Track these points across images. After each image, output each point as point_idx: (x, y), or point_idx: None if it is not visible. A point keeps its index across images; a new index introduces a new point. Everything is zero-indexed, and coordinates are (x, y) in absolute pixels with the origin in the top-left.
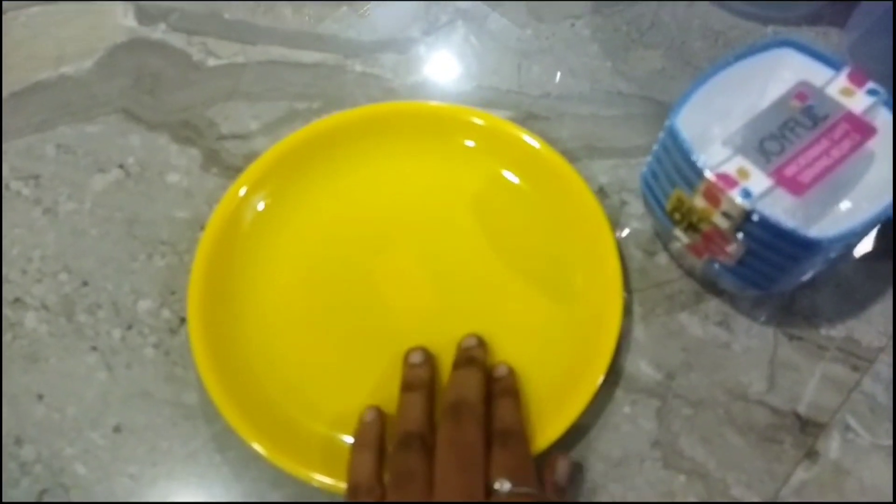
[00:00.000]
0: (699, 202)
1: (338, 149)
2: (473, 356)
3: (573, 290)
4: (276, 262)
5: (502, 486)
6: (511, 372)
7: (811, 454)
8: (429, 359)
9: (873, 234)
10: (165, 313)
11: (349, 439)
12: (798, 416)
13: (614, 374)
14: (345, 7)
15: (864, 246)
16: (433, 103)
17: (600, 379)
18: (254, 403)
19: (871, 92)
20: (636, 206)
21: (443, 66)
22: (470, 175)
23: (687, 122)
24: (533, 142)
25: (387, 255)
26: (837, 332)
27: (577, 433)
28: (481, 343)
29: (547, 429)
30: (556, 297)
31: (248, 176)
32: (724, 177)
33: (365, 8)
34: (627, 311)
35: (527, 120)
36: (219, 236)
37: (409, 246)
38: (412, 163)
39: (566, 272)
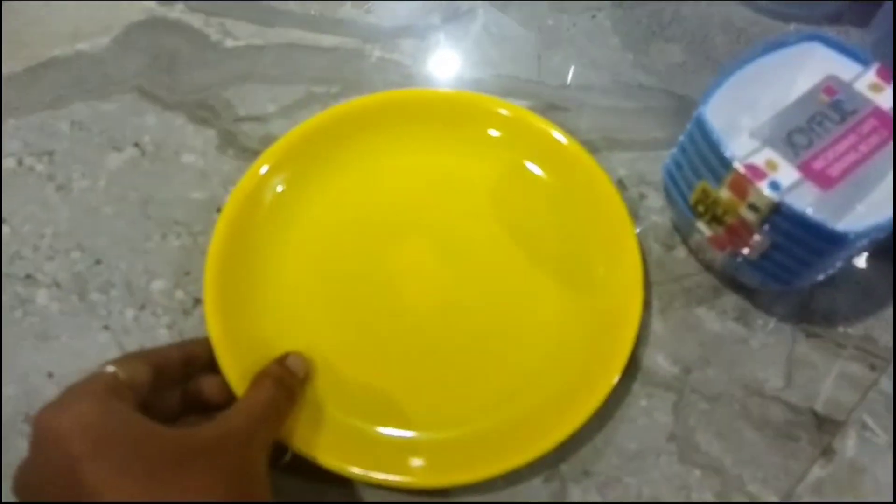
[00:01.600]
0: (725, 194)
1: (361, 133)
2: None
3: (593, 282)
4: (294, 245)
5: None
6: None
7: (827, 452)
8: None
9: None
10: (179, 294)
11: (364, 425)
12: (815, 414)
13: (632, 367)
14: (348, 5)
15: (885, 246)
16: (458, 91)
17: (618, 373)
18: None
19: None
20: (655, 200)
21: (462, 53)
22: (492, 165)
23: (715, 112)
24: (559, 136)
25: (404, 242)
26: (855, 330)
27: (593, 425)
28: None
29: (565, 419)
30: (576, 289)
31: (270, 155)
32: (752, 168)
33: (366, 6)
34: (646, 304)
35: (546, 110)
36: (237, 214)
37: (427, 234)
38: (434, 150)
39: (586, 265)
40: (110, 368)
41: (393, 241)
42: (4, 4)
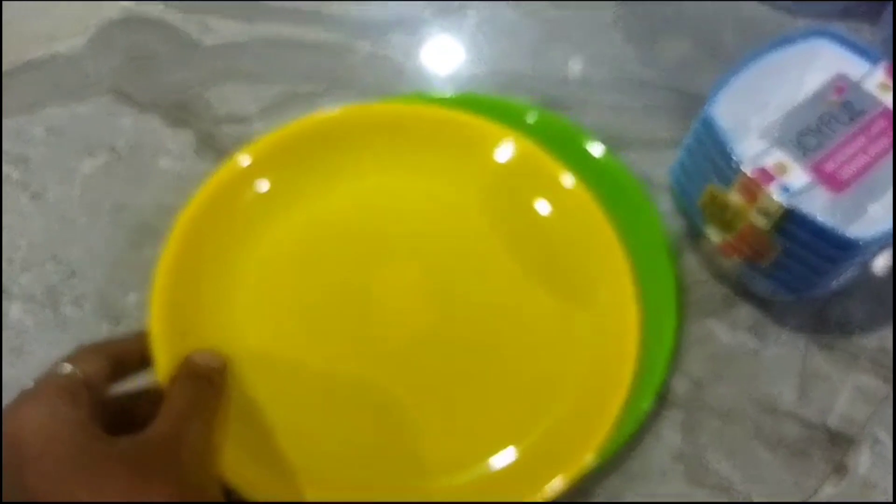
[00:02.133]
0: (734, 198)
1: (356, 143)
2: None
3: (587, 305)
4: (265, 252)
5: None
6: None
7: (839, 468)
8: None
9: None
10: None
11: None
12: (828, 429)
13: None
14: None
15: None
16: (461, 114)
17: (622, 400)
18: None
19: None
20: (663, 203)
21: (457, 48)
22: (488, 194)
23: (723, 111)
24: (567, 180)
25: (389, 264)
26: (869, 341)
27: None
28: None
29: (573, 456)
30: (569, 313)
31: (253, 149)
32: (761, 171)
33: None
34: None
35: (546, 107)
36: (206, 210)
37: (414, 257)
38: (429, 171)
39: (579, 288)
40: (67, 367)
41: (375, 264)
42: None
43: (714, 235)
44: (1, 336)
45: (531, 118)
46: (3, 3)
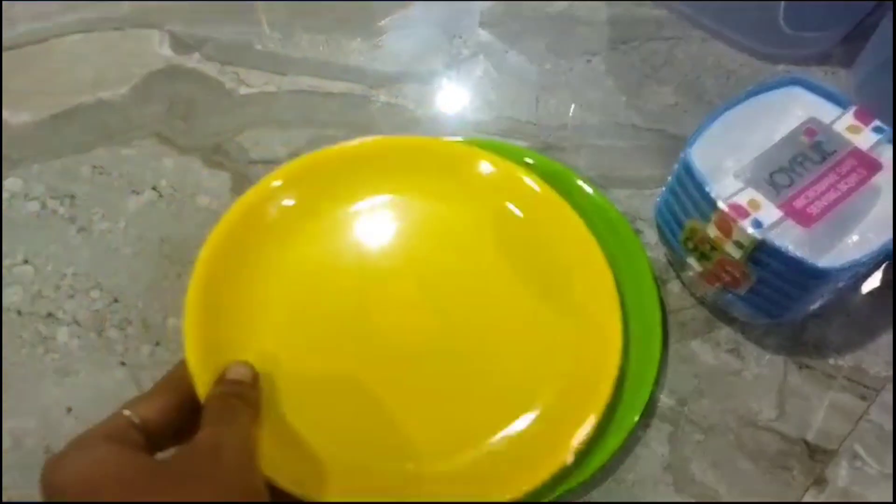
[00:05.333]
0: (712, 231)
1: (354, 174)
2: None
3: (573, 311)
4: (282, 275)
5: None
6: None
7: (819, 481)
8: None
9: (881, 268)
10: None
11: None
12: (807, 444)
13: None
14: (356, 51)
15: (873, 280)
16: (450, 140)
17: (603, 404)
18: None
19: (877, 129)
20: (650, 236)
21: (464, 97)
22: (474, 207)
23: (701, 154)
24: (532, 183)
25: (391, 281)
26: (846, 361)
27: None
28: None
29: (554, 454)
30: (556, 321)
31: (279, 175)
32: (735, 207)
33: (377, 39)
34: None
35: (545, 150)
36: (232, 228)
37: (413, 273)
38: (421, 193)
39: (566, 295)
40: (126, 412)
41: (380, 277)
42: (29, 55)
43: (695, 265)
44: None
45: (530, 160)
46: (54, 51)
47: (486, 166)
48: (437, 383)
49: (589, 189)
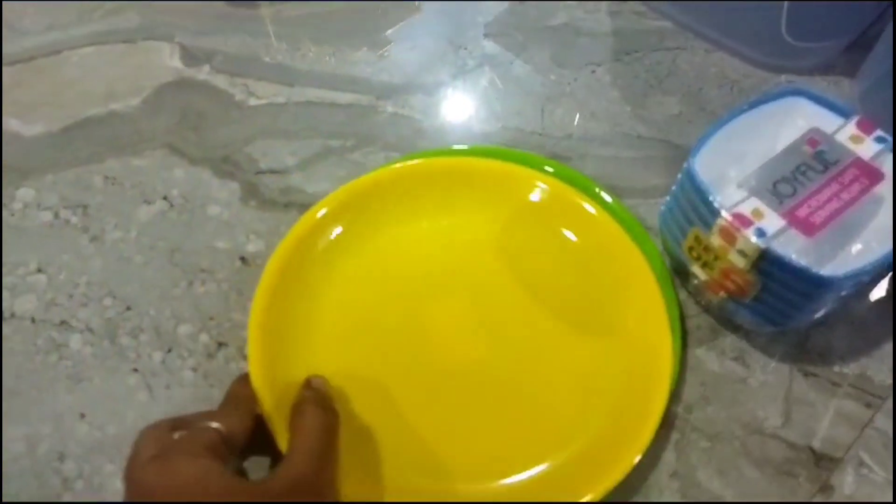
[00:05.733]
0: (716, 240)
1: (409, 193)
2: None
3: (623, 338)
4: (337, 296)
5: None
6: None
7: (825, 488)
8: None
9: (888, 276)
10: (204, 338)
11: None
12: (813, 451)
13: None
14: (363, 61)
15: (879, 289)
16: (501, 162)
17: (653, 430)
18: None
19: (879, 139)
20: (655, 244)
21: (469, 107)
22: (528, 230)
23: (704, 164)
24: (590, 208)
25: (443, 300)
26: (851, 369)
27: None
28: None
29: (603, 477)
30: (606, 345)
31: (327, 203)
32: (739, 216)
33: (383, 50)
34: None
35: (550, 158)
36: (288, 257)
37: (465, 293)
38: (474, 213)
39: (616, 321)
40: (214, 425)
41: (432, 298)
42: (41, 67)
43: (700, 274)
44: None
45: (549, 168)
46: (66, 64)
47: (540, 188)
48: (485, 404)
49: (608, 198)
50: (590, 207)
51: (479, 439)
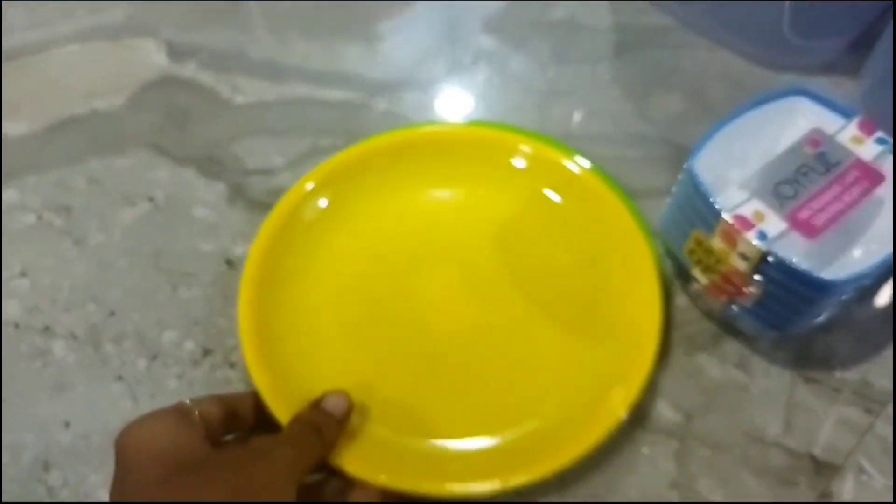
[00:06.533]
0: (717, 243)
1: (391, 166)
2: None
3: (610, 304)
4: (326, 269)
5: None
6: None
7: (825, 495)
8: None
9: (889, 281)
10: (189, 345)
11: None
12: (813, 458)
13: (634, 414)
14: (356, 44)
15: (880, 294)
16: (483, 127)
17: (625, 407)
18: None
19: (880, 140)
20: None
21: (466, 104)
22: (513, 194)
23: (705, 165)
24: (573, 166)
25: (432, 270)
26: (852, 375)
27: (596, 473)
28: None
29: (575, 442)
30: (593, 312)
31: (312, 177)
32: (740, 218)
33: (375, 45)
34: None
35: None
36: (274, 233)
37: (452, 262)
38: (460, 182)
39: (604, 288)
40: (186, 402)
41: (420, 268)
42: (25, 65)
43: (701, 277)
44: None
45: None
46: (49, 61)
47: (523, 150)
48: (475, 370)
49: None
50: (572, 166)
51: (469, 401)
